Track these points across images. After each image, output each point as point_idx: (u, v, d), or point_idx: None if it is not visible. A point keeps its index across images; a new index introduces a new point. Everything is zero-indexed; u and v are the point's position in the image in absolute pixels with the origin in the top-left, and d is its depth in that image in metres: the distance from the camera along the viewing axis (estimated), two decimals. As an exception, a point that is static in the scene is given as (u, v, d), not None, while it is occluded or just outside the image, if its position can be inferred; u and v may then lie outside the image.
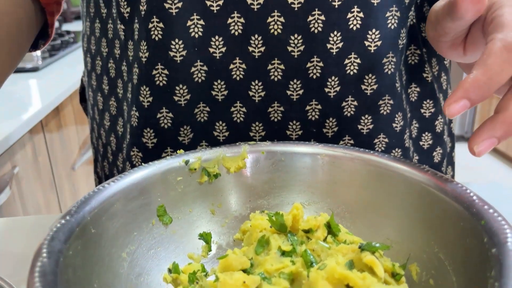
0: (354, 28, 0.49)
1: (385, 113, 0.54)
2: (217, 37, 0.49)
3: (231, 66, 0.50)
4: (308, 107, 0.52)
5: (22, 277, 0.41)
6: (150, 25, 0.50)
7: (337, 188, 0.46)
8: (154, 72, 0.51)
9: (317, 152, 0.46)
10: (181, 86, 0.51)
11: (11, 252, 0.52)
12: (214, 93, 0.52)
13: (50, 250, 0.31)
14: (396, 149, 0.57)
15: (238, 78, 0.51)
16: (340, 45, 0.50)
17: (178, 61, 0.50)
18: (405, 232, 0.41)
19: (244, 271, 0.37)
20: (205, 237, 0.44)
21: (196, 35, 0.49)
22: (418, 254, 0.39)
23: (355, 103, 0.53)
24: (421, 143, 0.61)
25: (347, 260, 0.35)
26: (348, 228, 0.44)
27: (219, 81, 0.51)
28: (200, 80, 0.51)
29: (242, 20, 0.49)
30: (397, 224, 0.42)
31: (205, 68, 0.50)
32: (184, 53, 0.50)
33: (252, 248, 0.39)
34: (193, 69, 0.51)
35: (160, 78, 0.51)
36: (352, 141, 0.55)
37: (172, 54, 0.50)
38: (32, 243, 0.40)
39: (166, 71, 0.51)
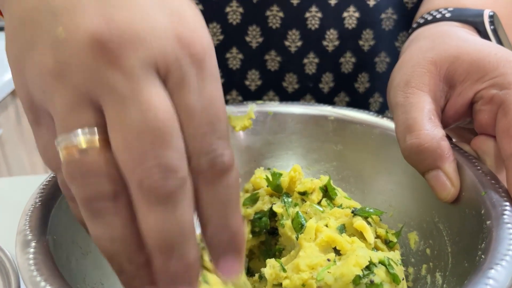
0: None
1: (380, 71, 0.53)
2: None
3: (227, 9, 0.49)
4: (305, 60, 0.51)
5: (8, 236, 0.41)
6: None
7: (344, 152, 0.45)
8: None
9: (326, 114, 0.45)
10: None
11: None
12: None
13: (44, 196, 0.32)
14: None
15: (234, 23, 0.50)
16: None
17: None
18: (408, 200, 0.40)
19: None
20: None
21: None
22: (418, 223, 0.38)
23: (353, 59, 0.52)
24: None
25: (339, 224, 0.34)
26: (352, 193, 0.44)
27: (214, 23, 0.50)
28: None
29: None
30: (400, 192, 0.41)
31: (200, 7, 0.49)
32: None
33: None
34: None
35: None
36: (347, 99, 0.54)
37: None
38: (18, 203, 0.39)
39: None
